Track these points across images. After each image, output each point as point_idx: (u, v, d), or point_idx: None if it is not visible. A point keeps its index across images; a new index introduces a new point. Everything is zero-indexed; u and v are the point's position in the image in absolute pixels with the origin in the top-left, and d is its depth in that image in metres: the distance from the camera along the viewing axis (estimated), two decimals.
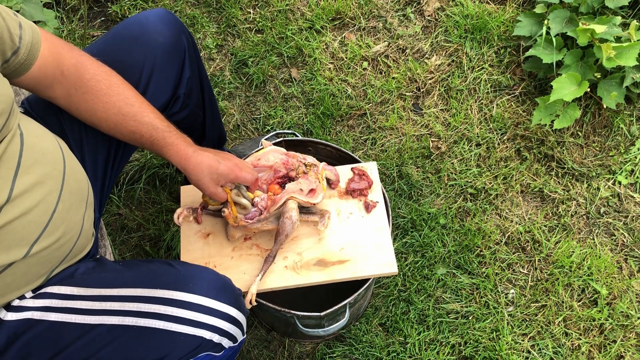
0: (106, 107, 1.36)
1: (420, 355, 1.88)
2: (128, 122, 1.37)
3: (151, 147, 1.40)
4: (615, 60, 1.99)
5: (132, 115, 1.37)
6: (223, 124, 1.98)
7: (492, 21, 2.38)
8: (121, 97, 1.37)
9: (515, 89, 2.30)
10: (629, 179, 2.12)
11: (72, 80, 1.34)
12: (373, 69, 2.37)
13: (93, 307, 1.23)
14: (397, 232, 2.06)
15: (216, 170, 1.42)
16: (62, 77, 1.33)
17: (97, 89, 1.35)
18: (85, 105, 1.36)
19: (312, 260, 1.52)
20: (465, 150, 2.19)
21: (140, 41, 1.48)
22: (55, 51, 1.31)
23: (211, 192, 1.44)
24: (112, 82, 1.37)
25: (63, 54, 1.33)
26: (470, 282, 1.98)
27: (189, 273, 1.26)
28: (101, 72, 1.37)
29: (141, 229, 2.10)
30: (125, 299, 1.23)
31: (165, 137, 1.39)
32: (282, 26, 2.44)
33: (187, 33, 1.58)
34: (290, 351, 1.93)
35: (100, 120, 1.38)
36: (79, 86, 1.34)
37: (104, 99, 1.35)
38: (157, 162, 2.20)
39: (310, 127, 2.24)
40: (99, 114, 1.36)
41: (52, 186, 1.23)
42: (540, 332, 1.90)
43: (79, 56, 1.36)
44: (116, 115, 1.36)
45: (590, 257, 2.00)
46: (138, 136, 1.39)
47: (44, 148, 1.24)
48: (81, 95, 1.35)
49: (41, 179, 1.20)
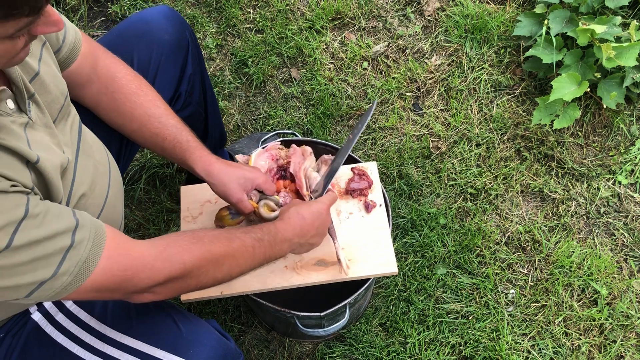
0: (133, 107, 1.37)
1: (420, 355, 1.88)
2: (153, 123, 1.38)
3: (173, 151, 1.39)
4: (615, 60, 1.99)
5: (157, 117, 1.38)
6: (223, 124, 1.98)
7: (492, 21, 2.38)
8: (149, 98, 1.39)
9: (515, 89, 2.30)
10: (629, 179, 2.12)
11: (104, 80, 1.36)
12: (373, 69, 2.37)
13: (95, 346, 1.22)
14: (397, 232, 2.06)
15: (243, 175, 1.38)
16: (95, 77, 1.36)
17: (127, 88, 1.37)
18: (114, 105, 1.38)
19: (312, 260, 1.51)
20: (465, 150, 2.19)
21: (145, 38, 1.50)
22: (92, 52, 1.35)
23: (238, 198, 1.37)
24: (142, 84, 1.40)
25: (99, 54, 1.37)
26: (470, 282, 1.98)
27: (191, 336, 1.22)
28: (131, 73, 1.40)
29: (141, 229, 2.10)
30: (125, 348, 1.21)
31: (189, 140, 1.38)
32: (282, 26, 2.44)
33: (189, 30, 1.60)
34: (290, 351, 1.93)
35: (126, 121, 1.39)
36: (110, 85, 1.37)
37: (132, 98, 1.37)
38: (157, 162, 2.20)
39: (310, 127, 2.24)
40: (126, 113, 1.38)
41: (103, 172, 1.30)
42: (540, 332, 1.90)
43: (112, 58, 1.40)
44: (142, 115, 1.37)
45: (590, 257, 2.00)
46: (161, 139, 1.38)
47: (93, 137, 1.34)
48: (110, 94, 1.37)
49: (95, 164, 1.27)
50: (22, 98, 1.07)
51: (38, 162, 1.03)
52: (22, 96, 1.07)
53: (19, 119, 1.05)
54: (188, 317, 1.27)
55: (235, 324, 1.96)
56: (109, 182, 1.33)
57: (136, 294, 1.11)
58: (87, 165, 1.25)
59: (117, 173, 1.41)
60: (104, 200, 1.30)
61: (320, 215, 1.35)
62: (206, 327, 1.26)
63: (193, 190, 1.63)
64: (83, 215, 1.05)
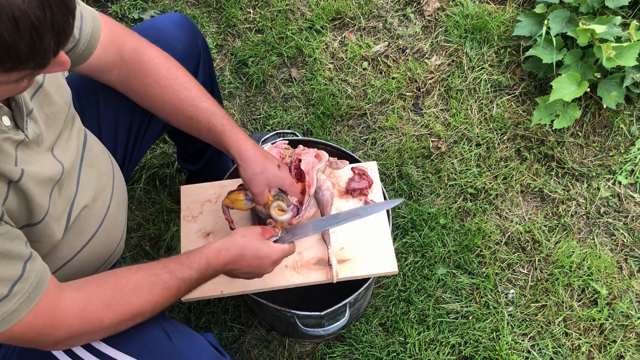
0: (164, 91, 1.34)
1: (420, 355, 1.88)
2: (186, 107, 1.35)
3: (208, 134, 1.37)
4: (615, 60, 1.99)
5: (190, 100, 1.35)
6: None
7: (492, 21, 2.38)
8: (180, 81, 1.35)
9: (515, 89, 2.30)
10: (629, 179, 2.12)
11: (131, 65, 1.33)
12: (373, 69, 2.37)
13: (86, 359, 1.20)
14: (397, 232, 2.06)
15: (275, 172, 1.37)
16: (121, 62, 1.32)
17: (155, 72, 1.33)
18: (144, 90, 1.35)
19: (312, 259, 1.51)
20: (465, 150, 2.19)
21: (158, 46, 1.47)
22: (115, 37, 1.31)
23: (259, 191, 1.37)
24: (171, 66, 1.36)
25: (123, 38, 1.32)
26: (470, 282, 1.98)
27: (184, 353, 1.19)
28: (160, 55, 1.36)
29: (141, 228, 2.10)
30: None
31: (223, 124, 1.36)
32: (282, 26, 2.44)
33: (201, 38, 1.59)
34: (290, 351, 1.93)
35: (158, 105, 1.37)
36: (138, 70, 1.33)
37: (162, 82, 1.34)
38: (157, 162, 2.20)
39: (310, 127, 2.24)
40: (157, 97, 1.35)
41: (106, 183, 1.28)
42: (540, 332, 1.90)
43: (139, 40, 1.35)
44: (174, 100, 1.34)
45: (590, 257, 2.00)
46: (195, 122, 1.36)
47: (100, 147, 1.31)
48: (140, 79, 1.34)
49: (99, 174, 1.26)
50: (20, 115, 1.04)
51: (20, 180, 1.01)
52: (20, 113, 1.04)
53: (15, 136, 1.03)
54: (182, 332, 1.23)
55: (235, 323, 1.96)
56: (111, 193, 1.31)
57: (49, 347, 1.11)
58: (91, 176, 1.24)
59: (121, 183, 1.39)
60: (105, 213, 1.28)
61: (262, 262, 1.29)
62: (201, 343, 1.22)
63: (193, 189, 1.63)
64: (34, 265, 1.03)
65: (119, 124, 1.49)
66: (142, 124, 1.54)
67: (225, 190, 1.53)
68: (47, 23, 0.77)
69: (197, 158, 1.92)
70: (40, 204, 1.07)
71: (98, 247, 1.29)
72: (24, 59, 0.79)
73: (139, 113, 1.50)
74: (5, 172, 0.99)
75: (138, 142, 1.57)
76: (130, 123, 1.51)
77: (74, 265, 1.25)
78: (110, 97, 1.45)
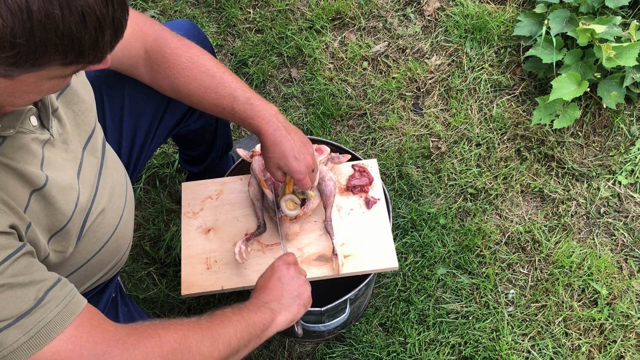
0: (187, 82, 1.34)
1: (420, 355, 1.87)
2: (210, 94, 1.35)
3: (232, 119, 1.38)
4: (615, 60, 1.99)
5: (213, 88, 1.35)
6: (231, 133, 1.97)
7: (492, 21, 2.38)
8: (202, 69, 1.35)
9: (515, 89, 2.30)
10: (629, 179, 2.12)
11: (154, 56, 1.33)
12: (373, 69, 2.37)
13: None
14: (397, 232, 2.06)
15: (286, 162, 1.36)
16: (145, 55, 1.33)
17: (178, 62, 1.34)
18: (168, 82, 1.35)
19: (312, 255, 1.51)
20: (465, 150, 2.19)
21: None
22: (137, 30, 1.30)
23: (298, 167, 1.36)
24: (193, 54, 1.36)
25: (145, 30, 1.32)
26: (470, 282, 1.97)
27: None
28: (182, 45, 1.36)
29: (141, 228, 2.09)
30: None
31: (246, 110, 1.35)
32: (282, 26, 2.44)
33: (209, 45, 1.59)
34: (290, 351, 1.92)
35: (183, 96, 1.37)
36: (161, 62, 1.33)
37: (185, 72, 1.34)
38: (157, 162, 2.19)
39: (310, 127, 2.24)
40: (181, 89, 1.35)
41: (120, 191, 1.28)
42: (540, 332, 1.90)
43: (160, 30, 1.35)
44: (197, 89, 1.35)
45: (590, 257, 1.99)
46: (220, 109, 1.37)
47: (114, 155, 1.32)
48: (163, 71, 1.34)
49: (114, 182, 1.26)
50: (46, 114, 1.05)
51: (44, 186, 1.01)
52: (46, 112, 1.05)
53: (41, 135, 1.03)
54: None
55: None
56: (125, 202, 1.31)
57: None
58: (107, 182, 1.23)
59: (131, 192, 1.40)
60: (118, 220, 1.28)
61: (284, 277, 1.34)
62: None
63: (194, 186, 1.63)
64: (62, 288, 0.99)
65: (124, 131, 1.49)
66: (150, 131, 1.54)
67: (225, 187, 1.53)
68: (109, 18, 0.79)
69: (200, 161, 1.92)
70: (63, 212, 1.07)
71: (107, 255, 1.28)
72: (85, 53, 0.80)
73: (147, 119, 1.50)
74: (31, 177, 0.99)
75: (144, 149, 1.57)
76: (135, 130, 1.51)
77: (81, 272, 1.24)
78: (117, 102, 1.45)
